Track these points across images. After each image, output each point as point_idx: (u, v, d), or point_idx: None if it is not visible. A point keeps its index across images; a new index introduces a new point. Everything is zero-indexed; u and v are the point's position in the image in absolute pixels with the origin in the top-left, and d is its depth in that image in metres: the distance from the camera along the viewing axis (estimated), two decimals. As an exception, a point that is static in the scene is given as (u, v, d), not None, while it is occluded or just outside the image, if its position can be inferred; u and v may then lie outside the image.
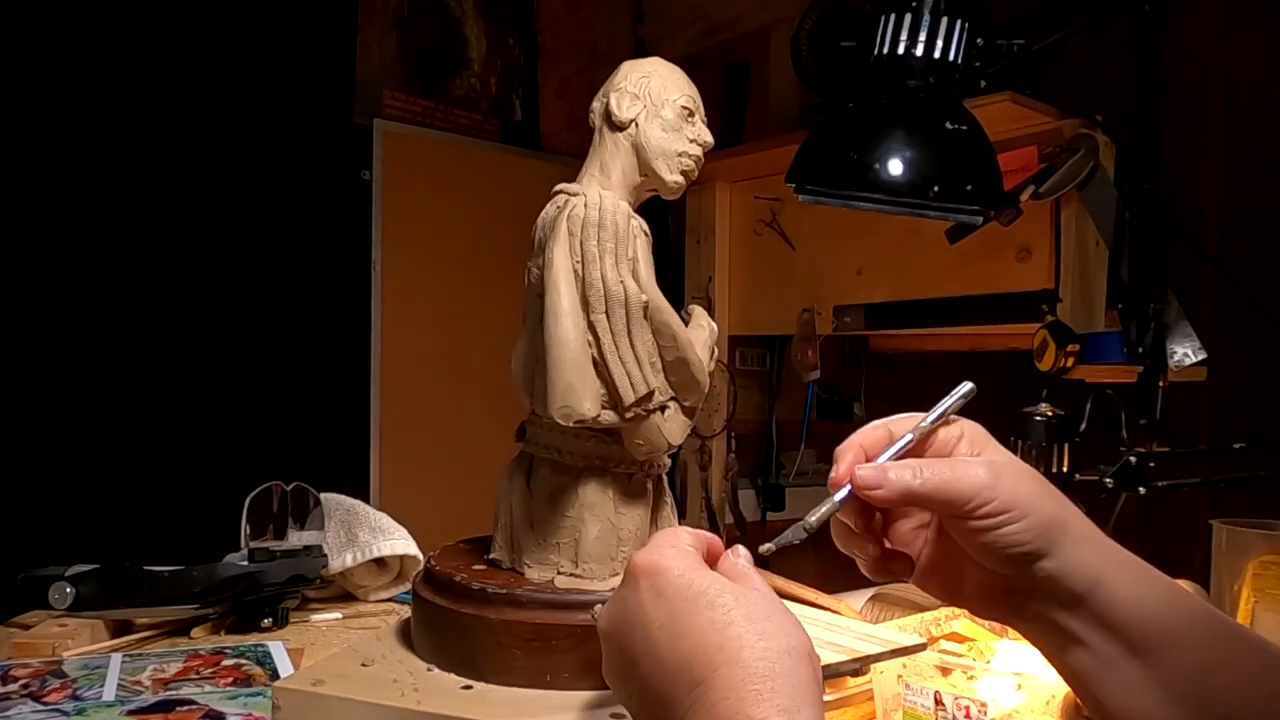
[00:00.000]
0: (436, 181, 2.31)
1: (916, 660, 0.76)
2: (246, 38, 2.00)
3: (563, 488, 0.65)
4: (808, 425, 2.09)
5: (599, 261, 0.61)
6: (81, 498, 1.79)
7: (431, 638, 0.65)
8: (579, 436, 0.65)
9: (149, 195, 1.90)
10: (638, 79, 0.69)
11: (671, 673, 0.40)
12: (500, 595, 0.61)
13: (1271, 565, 0.85)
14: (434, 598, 0.65)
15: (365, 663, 0.64)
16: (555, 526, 0.65)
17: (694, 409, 0.68)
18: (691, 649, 0.40)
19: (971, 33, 0.88)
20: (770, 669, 0.38)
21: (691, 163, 0.70)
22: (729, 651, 0.39)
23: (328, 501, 1.08)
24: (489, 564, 0.69)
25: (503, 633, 0.60)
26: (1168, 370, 1.19)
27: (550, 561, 0.65)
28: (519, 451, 0.70)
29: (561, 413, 0.60)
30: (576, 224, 0.62)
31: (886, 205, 0.88)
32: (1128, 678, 0.46)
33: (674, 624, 0.41)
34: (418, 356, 2.28)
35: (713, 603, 0.41)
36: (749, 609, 0.41)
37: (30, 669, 0.76)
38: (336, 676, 0.61)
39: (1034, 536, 0.46)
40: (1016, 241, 1.51)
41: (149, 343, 1.90)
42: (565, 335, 0.60)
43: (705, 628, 0.41)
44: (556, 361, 0.60)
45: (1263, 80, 1.64)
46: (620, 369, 0.61)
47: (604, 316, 0.61)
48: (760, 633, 0.40)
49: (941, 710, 0.75)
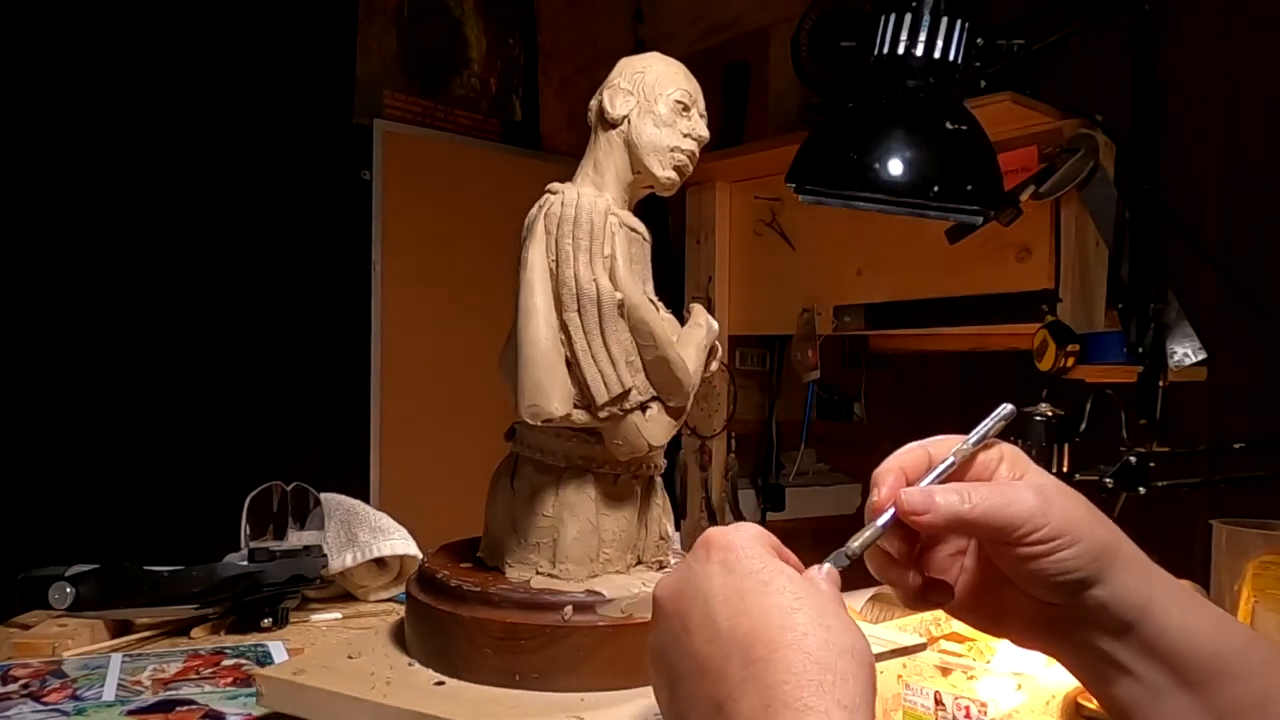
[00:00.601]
0: (436, 181, 2.31)
1: (916, 660, 0.76)
2: (247, 38, 2.00)
3: (543, 487, 0.65)
4: (808, 425, 2.09)
5: (573, 259, 0.60)
6: (81, 498, 1.79)
7: (415, 634, 0.66)
8: (560, 436, 0.64)
9: (150, 195, 1.90)
10: (632, 74, 0.69)
11: (727, 645, 0.39)
12: (474, 593, 0.62)
13: (1271, 565, 0.85)
14: (418, 594, 0.65)
15: (352, 655, 0.65)
16: (535, 526, 0.65)
17: (680, 409, 0.67)
18: (752, 626, 0.39)
19: (971, 33, 0.88)
20: (834, 662, 0.37)
21: (685, 158, 0.69)
22: (793, 636, 0.38)
23: (328, 501, 1.08)
24: (475, 563, 0.69)
25: (474, 630, 0.60)
26: (1168, 370, 1.19)
27: (530, 561, 0.65)
28: (509, 451, 0.70)
29: (529, 411, 0.60)
30: (553, 222, 0.62)
31: (886, 205, 0.88)
32: (1178, 709, 0.44)
33: (739, 600, 0.40)
34: (418, 356, 2.28)
35: (782, 588, 0.40)
36: (818, 602, 0.40)
37: (30, 669, 0.76)
38: (319, 668, 0.63)
39: (1085, 563, 0.44)
40: (1016, 241, 1.51)
41: (149, 342, 1.90)
42: (535, 334, 0.60)
43: (770, 609, 0.39)
44: (526, 361, 0.60)
45: (1263, 80, 1.64)
46: (593, 368, 0.60)
47: (576, 315, 0.60)
48: (827, 626, 0.39)
49: (941, 710, 0.75)
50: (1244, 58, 1.66)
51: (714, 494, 2.10)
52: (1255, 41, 1.65)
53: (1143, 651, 0.45)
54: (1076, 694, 0.73)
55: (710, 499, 2.10)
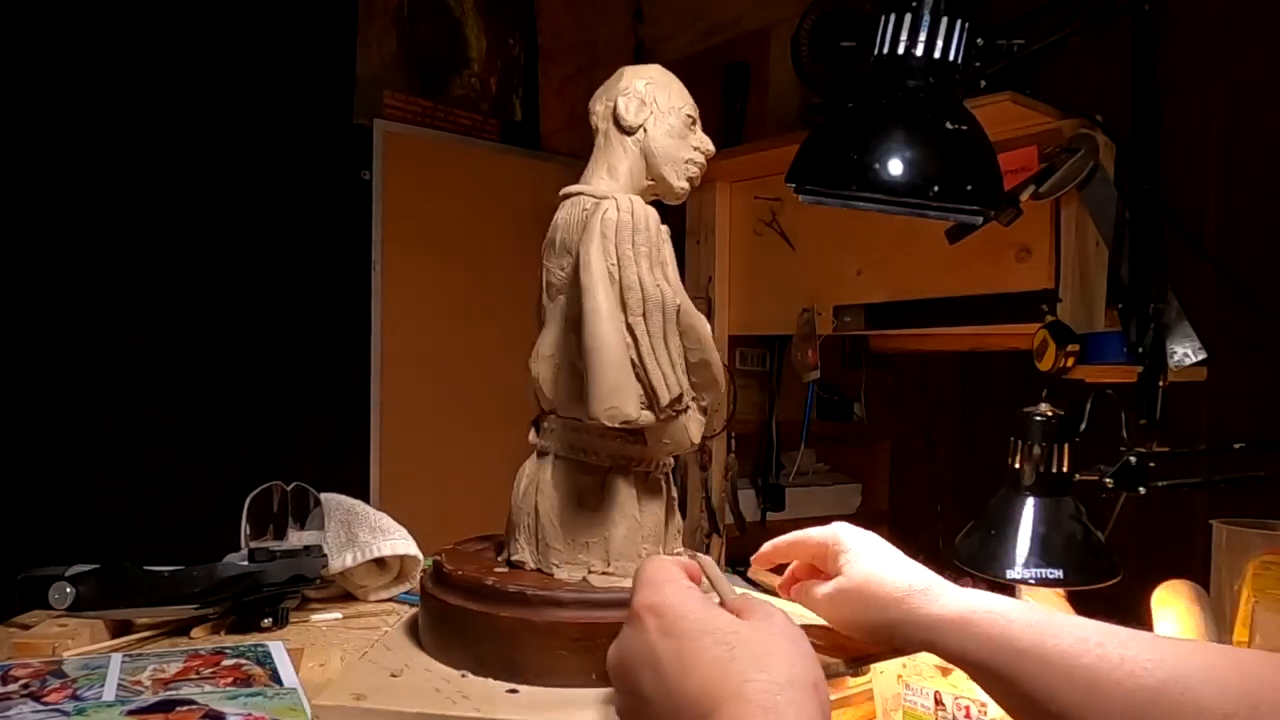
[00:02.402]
0: (436, 181, 2.31)
1: (916, 660, 0.76)
2: (247, 37, 2.00)
3: (589, 488, 0.65)
4: (808, 425, 2.09)
5: (634, 264, 0.61)
6: (81, 498, 1.79)
7: (462, 643, 0.64)
8: (605, 436, 0.65)
9: (150, 195, 1.90)
10: (644, 85, 0.70)
11: (678, 705, 0.41)
12: (542, 597, 0.61)
13: (1271, 565, 0.85)
14: (465, 603, 0.63)
15: (394, 673, 0.63)
16: (584, 526, 0.65)
17: (708, 408, 0.69)
18: (698, 684, 0.41)
19: (971, 33, 0.87)
20: (772, 701, 0.39)
21: (696, 170, 0.71)
22: (732, 685, 0.40)
23: (328, 501, 1.08)
24: (511, 565, 0.69)
25: (547, 634, 0.60)
26: (1168, 370, 1.19)
27: (580, 561, 0.65)
28: (534, 451, 0.70)
29: (609, 414, 0.60)
30: (610, 227, 0.63)
31: (886, 205, 0.88)
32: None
33: (681, 661, 0.42)
34: (418, 356, 2.28)
35: (717, 641, 0.42)
36: (752, 644, 0.42)
37: (30, 669, 0.76)
38: (375, 690, 0.60)
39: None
40: (1016, 241, 1.51)
41: (149, 342, 1.90)
42: (609, 337, 0.61)
43: (710, 664, 0.41)
44: (601, 363, 0.60)
45: (1263, 80, 1.64)
46: (658, 371, 0.62)
47: (642, 319, 0.61)
48: (762, 666, 0.41)
49: (941, 710, 0.75)
50: (1244, 58, 1.66)
51: (714, 494, 2.10)
52: (1255, 42, 1.65)
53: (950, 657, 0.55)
54: (1076, 694, 0.73)
55: (710, 499, 2.10)
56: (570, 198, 0.67)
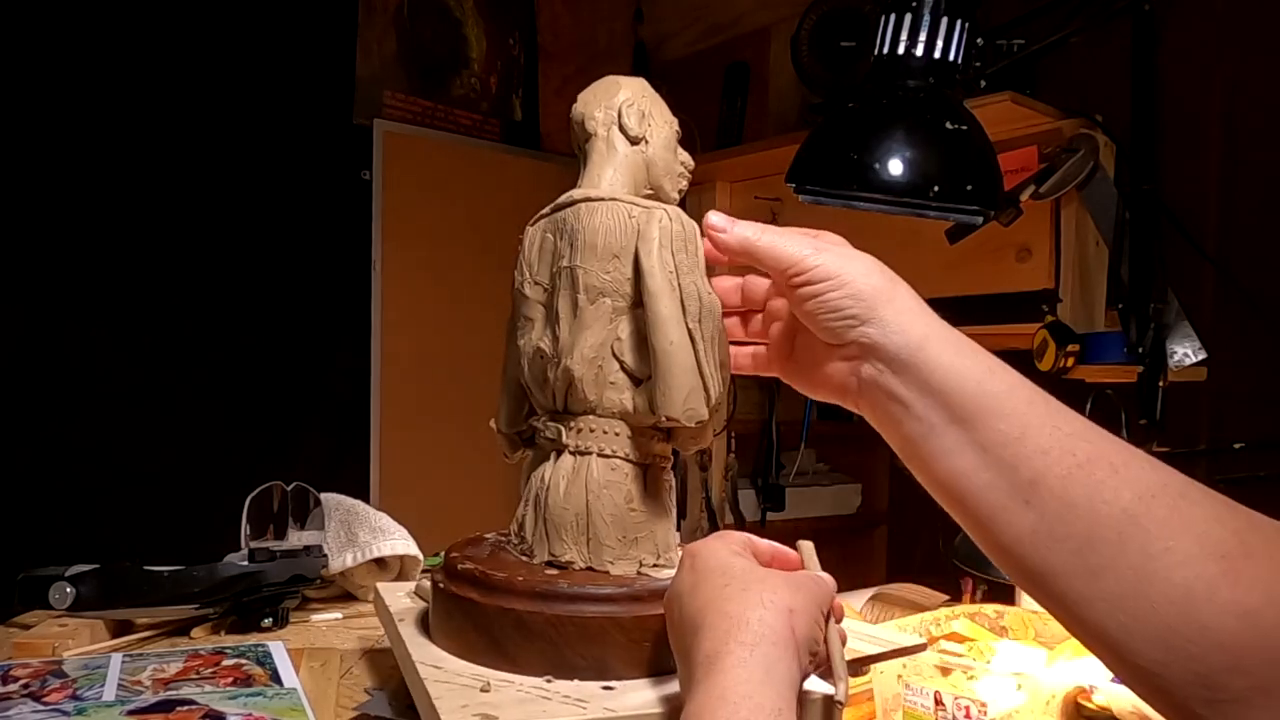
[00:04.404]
0: (436, 181, 2.31)
1: (916, 660, 0.76)
2: (247, 38, 2.00)
3: (637, 485, 0.68)
4: (808, 425, 2.09)
5: (693, 273, 0.65)
6: (81, 498, 1.79)
7: (540, 648, 0.63)
8: (645, 435, 0.68)
9: (150, 196, 1.90)
10: (639, 98, 0.74)
11: (689, 628, 0.49)
12: (623, 594, 0.63)
13: (1271, 565, 0.85)
14: (541, 608, 0.63)
15: (484, 688, 0.63)
16: (634, 523, 0.68)
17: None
18: (699, 604, 0.49)
19: (971, 33, 0.88)
20: (742, 615, 0.46)
21: (684, 183, 0.76)
22: (717, 604, 0.48)
23: (328, 501, 1.08)
24: (551, 565, 0.69)
25: (634, 629, 0.62)
26: (1168, 370, 1.19)
27: (631, 556, 0.68)
28: (555, 451, 0.70)
29: (688, 415, 0.64)
30: (668, 236, 0.66)
31: (886, 205, 0.88)
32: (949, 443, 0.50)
33: (695, 591, 0.50)
34: (418, 356, 2.28)
35: (724, 573, 0.50)
36: (746, 577, 0.49)
37: (30, 669, 0.76)
38: (494, 707, 0.57)
39: (853, 304, 0.52)
40: (1016, 241, 1.51)
41: (149, 343, 1.90)
42: (682, 341, 0.64)
43: (712, 590, 0.49)
44: (675, 366, 0.64)
45: (1262, 80, 1.64)
46: (712, 374, 0.65)
47: (699, 324, 0.65)
48: (744, 588, 0.48)
49: (941, 710, 0.75)
50: (1244, 58, 1.66)
51: (714, 494, 2.10)
52: (1255, 42, 1.65)
53: (919, 388, 0.51)
54: (1076, 694, 0.74)
55: (710, 499, 2.10)
56: (595, 201, 0.68)
